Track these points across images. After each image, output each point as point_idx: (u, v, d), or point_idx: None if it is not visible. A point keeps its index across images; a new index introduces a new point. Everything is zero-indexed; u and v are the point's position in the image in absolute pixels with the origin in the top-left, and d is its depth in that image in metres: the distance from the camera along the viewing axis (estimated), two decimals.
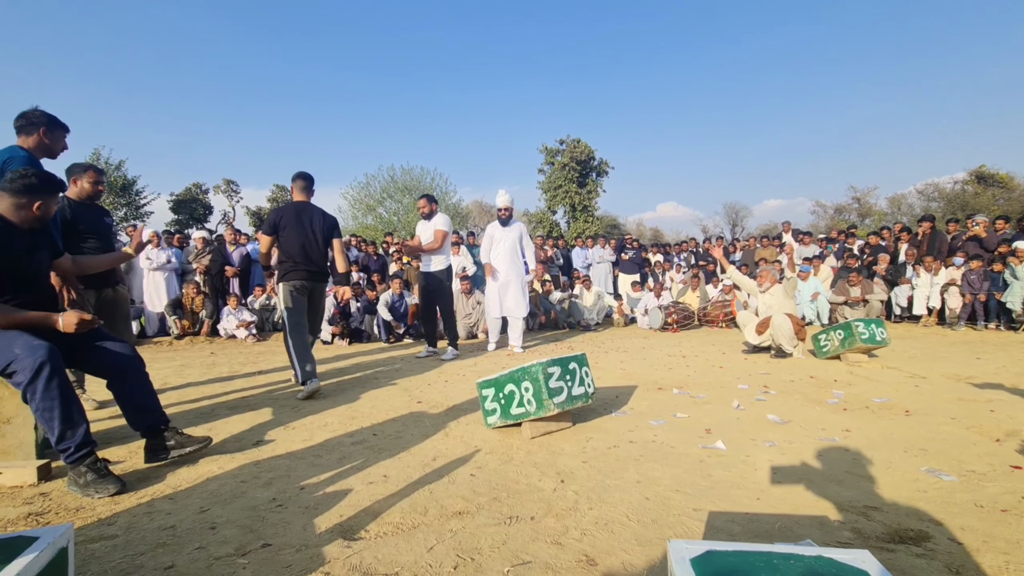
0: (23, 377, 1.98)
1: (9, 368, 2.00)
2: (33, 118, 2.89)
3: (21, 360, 1.97)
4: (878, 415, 2.97)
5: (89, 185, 3.36)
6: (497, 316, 6.01)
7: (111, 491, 2.03)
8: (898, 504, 1.80)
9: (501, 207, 5.93)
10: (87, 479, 2.03)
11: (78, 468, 2.04)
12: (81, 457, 2.04)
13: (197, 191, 25.38)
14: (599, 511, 1.80)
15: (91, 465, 2.05)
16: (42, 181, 2.20)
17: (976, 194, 23.07)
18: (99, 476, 2.06)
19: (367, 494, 1.99)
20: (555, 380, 2.62)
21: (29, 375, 1.97)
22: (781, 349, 5.03)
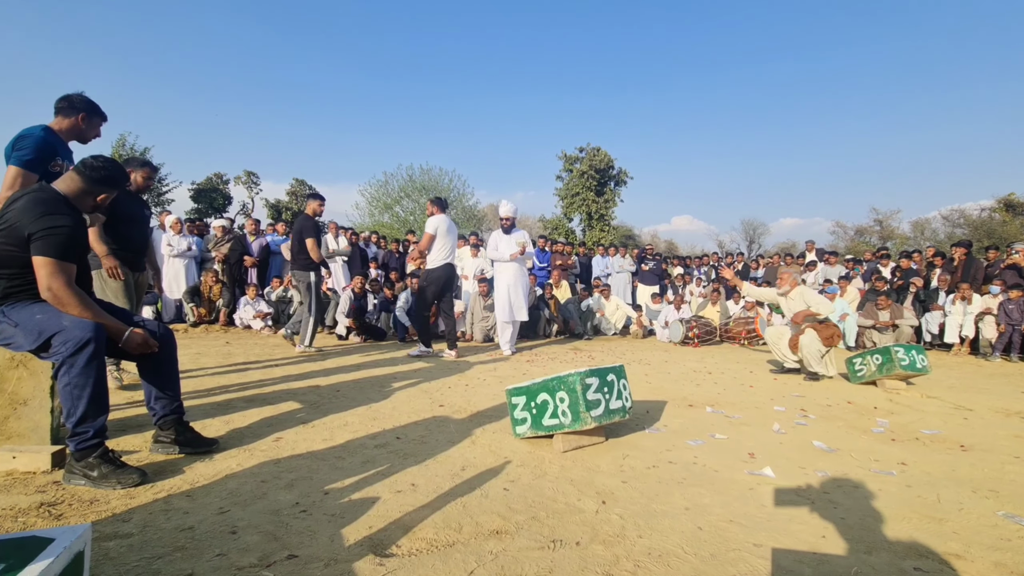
0: (65, 349, 1.90)
1: (53, 339, 1.94)
2: (75, 102, 2.92)
3: (68, 331, 1.92)
4: (932, 448, 2.79)
5: (142, 179, 3.56)
6: (508, 321, 6.09)
7: (135, 481, 1.94)
8: (982, 553, 1.63)
9: (504, 216, 6.14)
10: (102, 471, 1.92)
11: (88, 460, 1.93)
12: (93, 447, 1.95)
13: (218, 181, 25.58)
14: (649, 540, 1.65)
15: (103, 456, 1.95)
16: (116, 175, 2.18)
17: (1004, 222, 22.51)
18: (116, 467, 1.96)
19: (396, 504, 1.86)
20: (593, 392, 2.47)
21: (73, 348, 1.90)
22: (811, 371, 4.84)
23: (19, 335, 1.99)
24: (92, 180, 2.10)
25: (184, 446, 2.31)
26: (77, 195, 2.09)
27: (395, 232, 19.68)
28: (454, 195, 24.99)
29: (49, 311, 2.00)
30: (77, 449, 1.94)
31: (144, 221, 3.68)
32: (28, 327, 1.97)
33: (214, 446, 2.38)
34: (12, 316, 2.00)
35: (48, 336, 1.95)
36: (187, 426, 2.37)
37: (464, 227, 23.35)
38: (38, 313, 1.99)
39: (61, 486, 1.90)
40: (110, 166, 2.15)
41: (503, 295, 6.05)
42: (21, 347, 2.01)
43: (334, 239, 8.49)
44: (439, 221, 5.54)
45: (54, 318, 1.97)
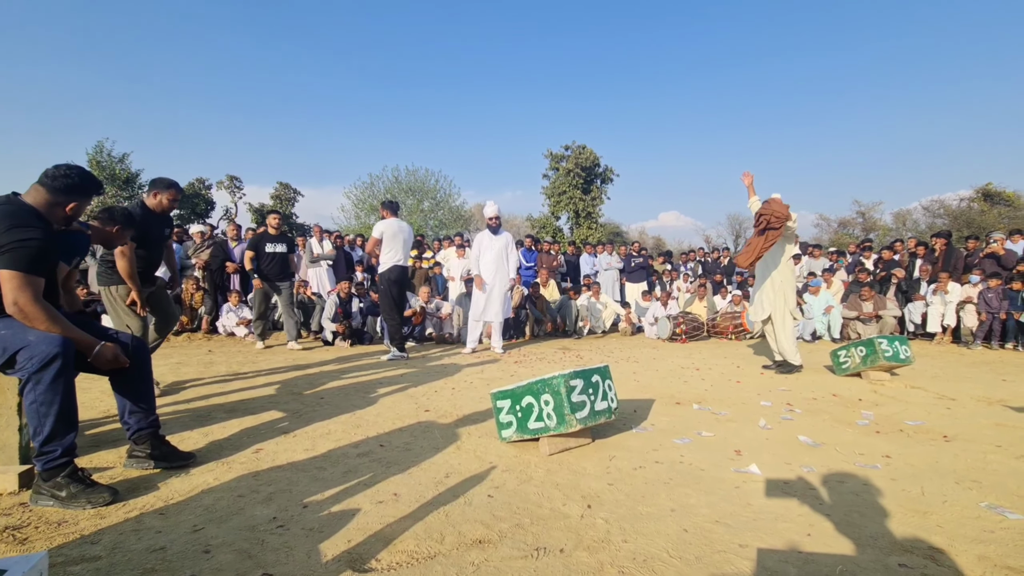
0: (31, 365, 1.83)
1: (19, 355, 1.86)
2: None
3: (34, 347, 1.85)
4: (915, 440, 2.80)
5: (167, 201, 3.56)
6: (478, 320, 6.16)
7: (106, 500, 1.88)
8: (965, 546, 1.63)
9: (490, 216, 6.21)
10: (71, 491, 1.86)
11: (56, 479, 1.86)
12: (61, 465, 1.88)
13: (200, 186, 25.20)
14: (635, 544, 1.63)
15: (72, 475, 1.88)
16: (84, 183, 2.10)
17: (982, 212, 22.95)
18: (86, 486, 1.89)
19: (377, 515, 1.82)
20: (577, 394, 2.45)
21: (39, 363, 1.83)
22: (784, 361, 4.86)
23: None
24: (57, 190, 2.03)
25: (160, 461, 2.25)
26: (45, 207, 2.01)
27: None
28: (440, 196, 24.91)
29: (14, 326, 1.92)
30: (44, 469, 1.87)
31: (162, 240, 3.70)
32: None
33: (191, 460, 2.32)
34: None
35: (13, 352, 1.87)
36: (163, 440, 2.30)
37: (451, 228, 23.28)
38: (1, 329, 1.91)
39: (28, 508, 1.83)
40: (75, 174, 2.07)
41: (479, 295, 6.09)
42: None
43: (319, 243, 8.39)
44: (386, 225, 5.74)
45: (19, 333, 1.90)
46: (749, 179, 5.32)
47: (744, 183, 5.32)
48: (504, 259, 6.13)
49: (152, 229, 3.50)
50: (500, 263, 6.09)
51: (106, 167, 20.35)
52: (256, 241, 6.13)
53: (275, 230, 6.21)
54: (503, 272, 6.11)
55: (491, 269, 6.07)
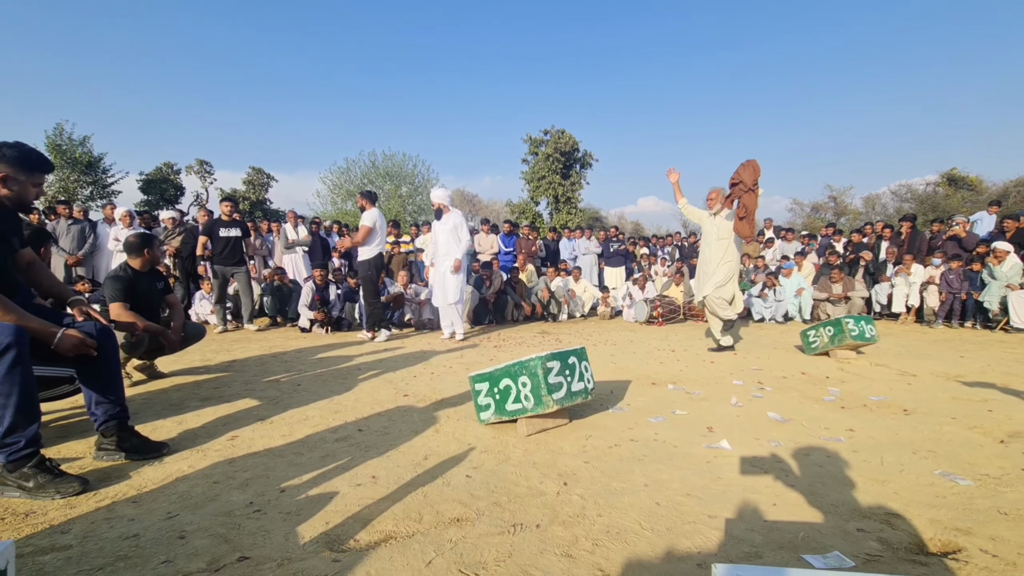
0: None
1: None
2: None
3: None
4: (878, 414, 2.92)
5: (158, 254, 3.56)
6: (440, 305, 6.13)
7: (76, 489, 1.84)
8: (919, 511, 1.72)
9: (433, 203, 6.17)
10: (39, 481, 1.82)
11: (22, 471, 1.82)
12: (27, 456, 1.84)
13: (168, 171, 24.35)
14: (608, 518, 1.67)
15: (39, 465, 1.84)
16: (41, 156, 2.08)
17: (947, 196, 23.69)
18: (55, 476, 1.86)
19: (355, 498, 1.83)
20: (554, 375, 2.48)
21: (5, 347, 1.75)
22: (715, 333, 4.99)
23: None
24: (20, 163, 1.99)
25: (131, 452, 2.20)
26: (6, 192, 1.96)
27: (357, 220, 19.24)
28: (419, 181, 24.59)
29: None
30: (9, 460, 1.83)
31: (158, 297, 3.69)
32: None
33: (164, 450, 2.28)
34: None
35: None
36: (132, 431, 2.26)
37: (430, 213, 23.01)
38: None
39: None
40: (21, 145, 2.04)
41: (437, 281, 6.05)
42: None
43: (293, 229, 8.23)
44: (376, 215, 5.81)
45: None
46: (675, 177, 5.25)
47: (670, 181, 5.27)
48: (455, 242, 5.93)
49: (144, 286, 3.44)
50: (451, 247, 5.93)
51: (66, 151, 19.46)
52: (210, 226, 6.37)
53: (227, 216, 6.43)
54: (454, 255, 5.94)
55: (442, 253, 5.99)
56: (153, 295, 3.51)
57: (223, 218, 6.43)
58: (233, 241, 6.37)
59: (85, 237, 7.33)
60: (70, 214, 7.47)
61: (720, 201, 5.07)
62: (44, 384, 2.28)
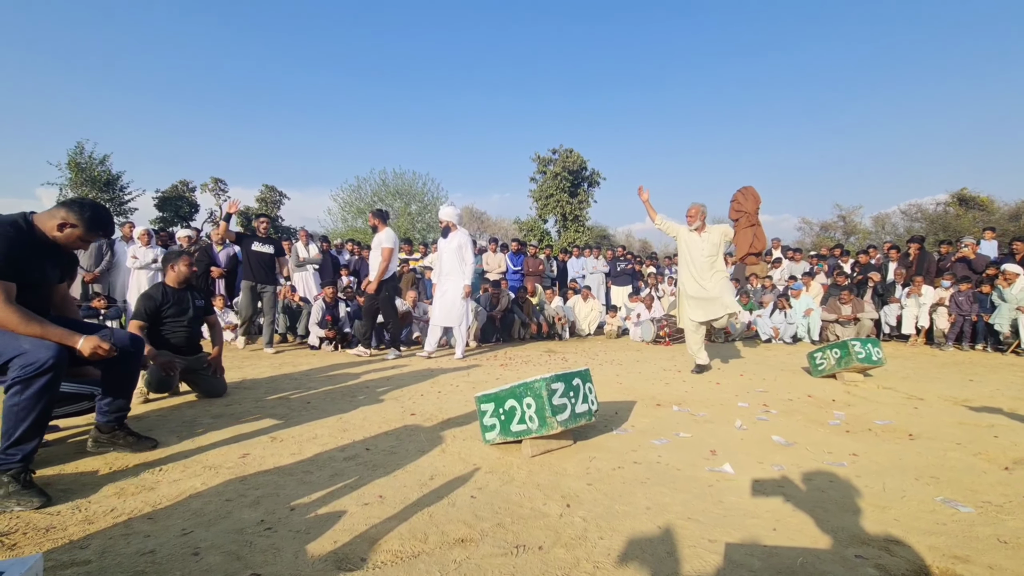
0: (24, 372, 1.90)
1: (13, 362, 1.93)
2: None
3: (29, 355, 1.92)
4: (882, 438, 2.93)
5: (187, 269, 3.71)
6: (437, 324, 6.13)
7: (35, 504, 1.91)
8: (919, 538, 1.73)
9: (440, 220, 6.26)
10: (9, 489, 1.91)
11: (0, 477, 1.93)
12: (19, 469, 1.95)
13: (184, 188, 24.91)
14: (610, 541, 1.71)
15: (16, 476, 1.94)
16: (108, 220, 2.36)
17: (958, 216, 23.56)
18: (23, 487, 1.94)
19: (362, 517, 1.87)
20: (559, 397, 2.53)
21: (32, 371, 1.91)
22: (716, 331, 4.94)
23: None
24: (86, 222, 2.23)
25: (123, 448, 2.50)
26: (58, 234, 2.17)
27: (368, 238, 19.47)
28: (428, 199, 24.89)
29: (6, 334, 1.97)
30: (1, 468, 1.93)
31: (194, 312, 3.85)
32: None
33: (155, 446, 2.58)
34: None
35: (7, 359, 1.94)
36: (127, 428, 2.56)
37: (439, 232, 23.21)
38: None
39: (15, 515, 1.86)
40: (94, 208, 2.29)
41: (437, 299, 6.08)
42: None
43: (305, 247, 8.38)
44: (393, 235, 6.00)
45: (12, 340, 1.96)
46: (645, 196, 5.11)
47: (641, 199, 5.09)
48: (458, 262, 5.95)
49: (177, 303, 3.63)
50: (454, 267, 5.97)
51: (86, 168, 19.99)
52: (241, 241, 6.24)
53: (263, 233, 6.35)
54: (458, 275, 5.97)
55: (446, 272, 6.03)
56: (189, 313, 3.68)
57: (258, 233, 6.34)
58: (266, 258, 6.21)
59: (102, 254, 7.52)
60: None
61: (700, 219, 5.02)
62: (66, 400, 2.43)
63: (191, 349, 3.76)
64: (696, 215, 5.05)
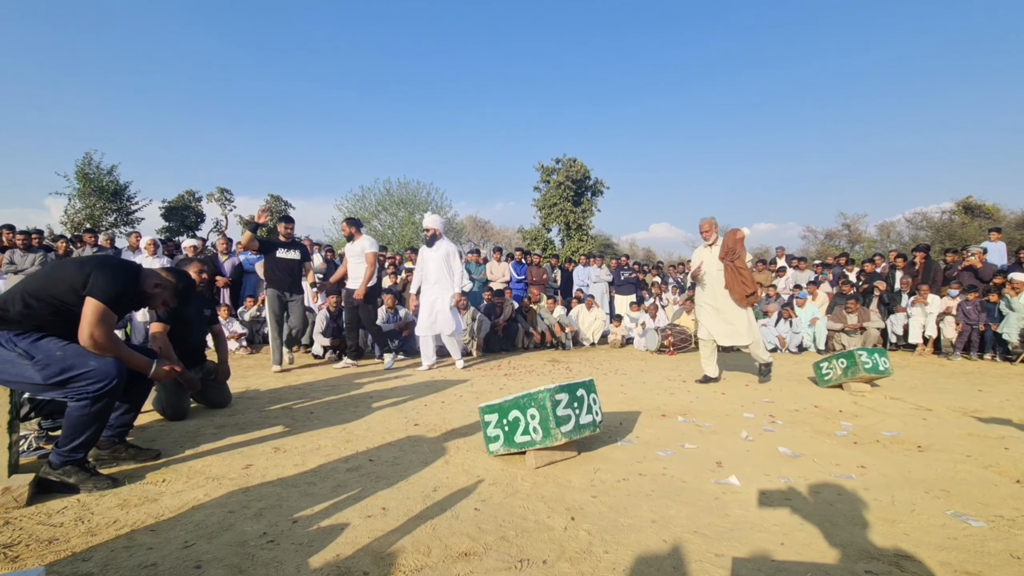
0: (94, 389, 2.09)
1: (78, 377, 2.07)
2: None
3: (96, 372, 2.09)
4: (890, 450, 2.89)
5: (197, 277, 3.71)
6: (426, 335, 5.91)
7: (108, 485, 2.19)
8: (930, 553, 1.70)
9: (425, 228, 6.04)
10: (81, 477, 2.16)
11: (65, 468, 2.15)
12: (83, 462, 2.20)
13: (190, 198, 25.09)
14: (615, 555, 1.69)
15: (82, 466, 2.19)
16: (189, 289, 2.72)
17: (963, 224, 23.44)
18: (92, 474, 2.19)
19: (365, 529, 1.86)
20: (563, 408, 2.51)
21: (101, 389, 2.10)
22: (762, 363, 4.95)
23: (30, 368, 2.05)
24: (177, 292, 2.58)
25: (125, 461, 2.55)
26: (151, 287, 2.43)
27: None
28: (432, 208, 24.99)
29: (71, 348, 2.11)
30: (62, 463, 2.14)
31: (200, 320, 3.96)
32: (48, 361, 2.06)
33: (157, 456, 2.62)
34: (27, 347, 2.06)
35: (72, 374, 2.07)
36: (126, 442, 2.62)
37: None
38: (58, 350, 2.09)
39: (15, 526, 1.85)
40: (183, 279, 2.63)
41: (424, 309, 5.86)
42: (28, 379, 2.07)
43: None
44: (374, 240, 6.02)
45: (80, 357, 2.10)
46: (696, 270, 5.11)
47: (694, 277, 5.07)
48: (446, 272, 5.84)
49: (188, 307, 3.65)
50: (441, 276, 5.83)
51: (94, 179, 20.20)
52: (266, 246, 5.60)
53: (286, 237, 5.75)
54: (445, 284, 5.84)
55: (431, 280, 5.88)
56: (198, 322, 3.72)
57: (281, 238, 5.72)
58: (292, 264, 5.64)
59: None
60: (95, 242, 7.74)
61: (714, 231, 5.08)
62: None
63: (196, 358, 3.77)
64: (709, 229, 5.09)
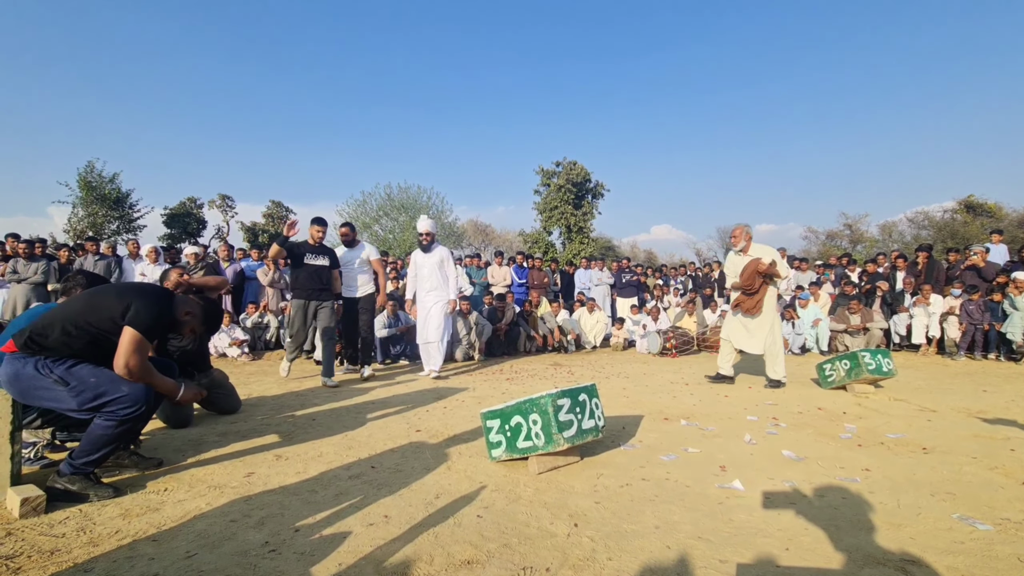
0: (125, 413, 2.16)
1: (111, 402, 2.14)
2: None
3: (129, 398, 2.16)
4: (895, 452, 2.87)
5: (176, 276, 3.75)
6: (424, 342, 5.77)
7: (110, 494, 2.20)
8: (936, 557, 1.69)
9: (421, 232, 5.79)
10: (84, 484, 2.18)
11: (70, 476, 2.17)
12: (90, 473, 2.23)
13: (191, 205, 25.20)
14: (619, 562, 1.67)
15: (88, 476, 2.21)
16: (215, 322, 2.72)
17: (965, 223, 23.40)
18: (96, 483, 2.23)
19: (367, 538, 1.85)
20: (565, 413, 2.50)
21: (133, 413, 2.18)
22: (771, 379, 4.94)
23: (65, 394, 2.12)
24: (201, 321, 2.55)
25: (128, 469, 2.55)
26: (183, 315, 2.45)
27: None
28: (433, 212, 25.04)
29: (104, 374, 2.17)
30: (72, 473, 2.17)
31: None
32: (83, 387, 2.13)
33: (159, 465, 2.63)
34: (62, 374, 2.13)
35: (106, 399, 2.14)
36: (129, 450, 2.62)
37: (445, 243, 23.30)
38: (92, 376, 2.16)
39: (18, 537, 1.85)
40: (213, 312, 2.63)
41: (421, 317, 5.76)
42: (64, 405, 2.14)
43: None
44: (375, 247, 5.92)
45: (114, 383, 2.16)
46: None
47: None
48: (441, 277, 5.71)
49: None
50: (437, 282, 5.71)
51: (96, 187, 20.31)
52: (294, 249, 5.17)
53: (315, 242, 5.30)
54: (441, 291, 5.71)
55: (426, 287, 5.74)
56: None
57: (310, 242, 5.29)
58: (321, 271, 5.21)
59: (111, 272, 7.59)
60: (97, 250, 7.76)
61: (744, 239, 5.09)
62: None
63: (201, 365, 3.77)
64: (740, 235, 5.13)
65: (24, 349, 2.15)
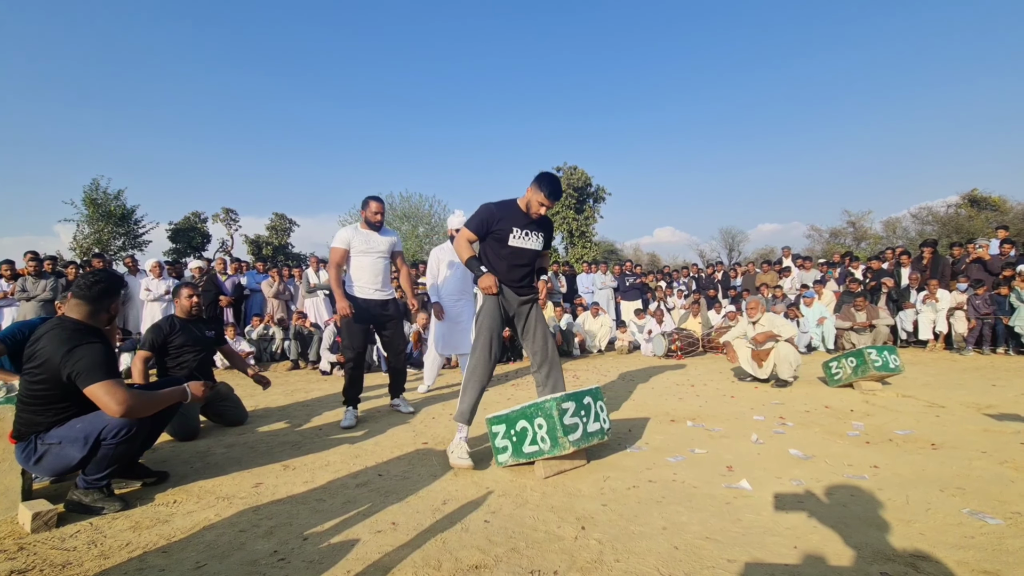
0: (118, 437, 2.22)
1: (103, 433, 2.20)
2: None
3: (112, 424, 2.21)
4: (904, 449, 2.86)
5: (187, 301, 3.72)
6: (442, 353, 5.09)
7: (119, 507, 2.24)
8: (947, 552, 1.68)
9: (454, 228, 4.95)
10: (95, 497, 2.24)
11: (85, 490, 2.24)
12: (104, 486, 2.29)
13: (196, 220, 25.37)
14: (627, 563, 1.67)
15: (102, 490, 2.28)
16: (112, 284, 2.39)
17: (970, 217, 23.27)
18: (108, 495, 2.28)
19: (375, 545, 1.86)
20: (570, 416, 2.51)
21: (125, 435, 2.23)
22: (780, 378, 4.92)
23: (66, 449, 2.20)
24: (95, 299, 2.32)
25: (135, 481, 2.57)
26: (90, 317, 2.31)
27: None
28: (435, 221, 25.14)
29: (86, 417, 2.23)
30: (87, 487, 2.24)
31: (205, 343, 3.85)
32: (72, 438, 2.19)
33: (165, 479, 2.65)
34: (52, 439, 2.20)
35: (97, 436, 2.20)
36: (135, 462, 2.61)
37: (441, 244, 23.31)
38: (76, 423, 2.22)
39: (31, 552, 1.87)
40: (104, 279, 2.36)
41: (442, 325, 4.94)
42: (72, 458, 2.21)
43: (315, 273, 8.47)
44: None
45: (94, 420, 2.21)
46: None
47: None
48: (469, 278, 4.89)
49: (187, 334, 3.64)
50: (466, 283, 4.96)
51: (101, 204, 20.51)
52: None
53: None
54: (469, 294, 4.98)
55: (455, 290, 4.92)
56: (199, 343, 3.72)
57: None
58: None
59: None
60: (104, 267, 7.83)
61: (760, 311, 5.38)
62: None
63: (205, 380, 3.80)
64: (756, 308, 5.41)
65: (20, 439, 2.23)
